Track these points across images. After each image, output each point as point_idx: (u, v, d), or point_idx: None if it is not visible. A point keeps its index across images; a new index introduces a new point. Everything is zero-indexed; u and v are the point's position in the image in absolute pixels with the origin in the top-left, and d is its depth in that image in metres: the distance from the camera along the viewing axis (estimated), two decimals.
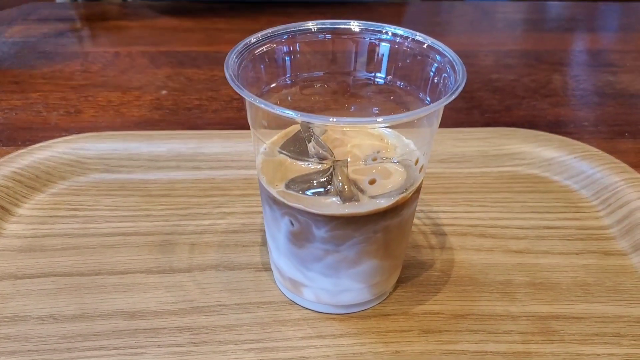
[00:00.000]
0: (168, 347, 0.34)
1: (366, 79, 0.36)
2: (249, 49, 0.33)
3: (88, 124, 0.56)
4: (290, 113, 0.27)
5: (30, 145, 0.49)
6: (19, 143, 0.53)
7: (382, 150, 0.34)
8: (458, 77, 0.30)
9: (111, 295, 0.37)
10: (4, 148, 0.52)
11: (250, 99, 0.28)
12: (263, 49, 0.34)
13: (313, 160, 0.32)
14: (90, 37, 0.76)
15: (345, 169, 0.32)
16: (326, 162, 0.32)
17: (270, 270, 0.39)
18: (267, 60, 0.34)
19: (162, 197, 0.46)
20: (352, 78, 0.37)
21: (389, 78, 0.36)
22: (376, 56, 0.35)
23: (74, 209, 0.44)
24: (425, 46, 0.34)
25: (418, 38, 0.34)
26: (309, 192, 0.32)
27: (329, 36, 0.35)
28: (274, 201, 0.32)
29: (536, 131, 0.53)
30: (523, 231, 0.43)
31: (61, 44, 0.73)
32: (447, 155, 0.51)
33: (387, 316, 0.36)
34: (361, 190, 0.32)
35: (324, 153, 0.32)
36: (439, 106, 0.28)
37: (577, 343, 0.35)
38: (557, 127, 0.57)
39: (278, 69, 0.35)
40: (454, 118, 0.59)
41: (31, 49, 0.72)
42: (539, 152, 0.50)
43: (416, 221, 0.44)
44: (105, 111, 0.59)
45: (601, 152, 0.50)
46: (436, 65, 0.33)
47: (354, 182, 0.32)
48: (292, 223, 0.32)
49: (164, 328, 0.35)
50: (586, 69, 0.72)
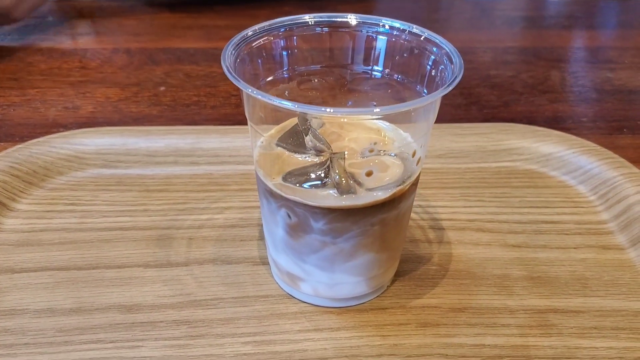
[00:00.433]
0: (165, 341, 0.34)
1: (363, 72, 0.36)
2: (246, 42, 0.33)
3: (86, 120, 0.56)
4: (287, 104, 0.27)
5: (28, 140, 0.49)
6: (17, 139, 0.53)
7: (380, 142, 0.34)
8: (455, 69, 0.30)
9: (108, 289, 0.37)
10: (2, 144, 0.52)
11: (247, 90, 0.28)
12: (260, 42, 0.34)
13: (310, 153, 0.32)
14: (88, 34, 0.76)
15: (342, 162, 0.32)
16: (323, 155, 0.32)
17: (267, 264, 0.39)
18: (264, 53, 0.34)
19: (160, 192, 0.46)
20: (350, 72, 0.36)
21: (386, 71, 0.35)
22: (373, 49, 0.35)
23: (72, 204, 0.44)
24: (422, 39, 0.34)
25: (415, 31, 0.34)
26: (306, 185, 0.32)
27: (326, 29, 0.35)
28: (271, 194, 0.32)
29: (534, 127, 0.53)
30: (521, 226, 0.43)
31: (59, 41, 0.73)
32: (445, 150, 0.51)
33: (385, 309, 0.36)
34: (358, 183, 0.32)
35: (322, 146, 0.32)
36: (437, 97, 0.28)
37: (576, 337, 0.35)
38: (556, 123, 0.57)
39: (275, 62, 0.35)
40: (453, 114, 0.59)
41: (29, 45, 0.72)
42: (537, 148, 0.50)
43: (414, 216, 0.44)
44: (103, 107, 0.59)
45: (599, 147, 0.49)
46: (433, 57, 0.33)
47: (351, 175, 0.32)
48: (290, 216, 0.32)
49: (161, 321, 0.35)
50: (585, 66, 0.72)
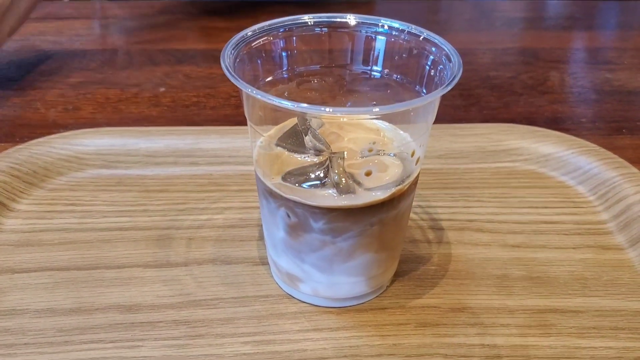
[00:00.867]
0: (165, 341, 0.34)
1: (362, 73, 0.36)
2: (246, 42, 0.33)
3: (86, 121, 0.56)
4: (286, 104, 0.27)
5: (28, 141, 0.49)
6: (17, 139, 0.53)
7: (379, 142, 0.34)
8: (454, 69, 0.30)
9: (108, 289, 0.37)
10: (2, 144, 0.52)
11: (246, 90, 0.28)
12: (259, 42, 0.34)
13: (310, 153, 0.32)
14: (88, 35, 0.76)
15: (341, 162, 0.32)
16: (323, 155, 0.32)
17: (267, 264, 0.39)
18: (264, 53, 0.34)
19: (160, 193, 0.46)
20: (349, 72, 0.37)
21: (386, 71, 0.36)
22: (372, 50, 0.35)
23: (72, 204, 0.44)
24: (421, 39, 0.34)
25: (414, 31, 0.34)
26: (306, 185, 0.32)
27: (326, 29, 0.36)
28: (270, 194, 0.32)
29: (534, 127, 0.53)
30: (520, 226, 0.43)
31: (59, 42, 0.73)
32: (445, 151, 0.51)
33: (384, 309, 0.36)
34: (358, 182, 0.32)
35: (321, 146, 0.32)
36: (435, 96, 0.28)
37: (575, 336, 0.35)
38: (555, 124, 0.57)
39: (274, 62, 0.35)
40: (452, 115, 0.59)
41: (29, 47, 0.72)
42: (537, 148, 0.50)
43: (414, 216, 0.44)
44: (103, 108, 0.59)
45: (598, 148, 0.49)
46: (432, 57, 0.33)
47: (351, 175, 0.32)
48: (289, 215, 0.32)
49: (161, 321, 0.35)
50: (584, 67, 0.72)
